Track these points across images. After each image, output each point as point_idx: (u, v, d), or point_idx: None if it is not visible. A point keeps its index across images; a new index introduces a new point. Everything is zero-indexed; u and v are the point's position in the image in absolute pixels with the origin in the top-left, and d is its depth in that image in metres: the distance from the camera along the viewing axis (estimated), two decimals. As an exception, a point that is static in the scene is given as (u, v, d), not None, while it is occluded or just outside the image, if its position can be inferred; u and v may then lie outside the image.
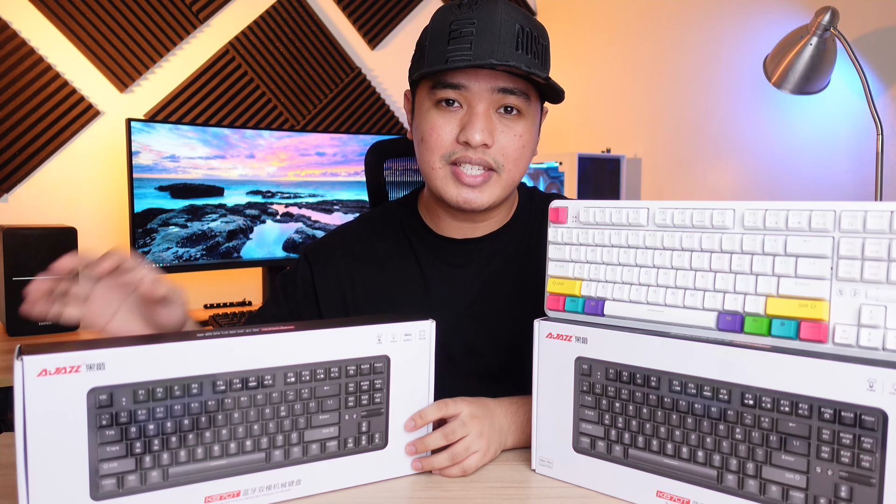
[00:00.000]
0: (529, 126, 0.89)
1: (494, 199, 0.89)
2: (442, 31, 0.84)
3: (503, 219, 0.99)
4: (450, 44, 0.83)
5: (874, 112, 1.50)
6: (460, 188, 0.87)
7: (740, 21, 2.02)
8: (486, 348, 0.96)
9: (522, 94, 0.86)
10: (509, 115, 0.87)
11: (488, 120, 0.85)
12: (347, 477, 0.72)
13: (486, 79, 0.84)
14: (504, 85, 0.85)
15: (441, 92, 0.86)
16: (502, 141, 0.87)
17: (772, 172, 1.95)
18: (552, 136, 2.78)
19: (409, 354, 0.74)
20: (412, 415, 0.75)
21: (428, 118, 0.88)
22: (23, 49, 1.83)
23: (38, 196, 1.90)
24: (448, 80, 0.85)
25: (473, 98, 0.85)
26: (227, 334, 0.66)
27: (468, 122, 0.85)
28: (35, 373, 0.57)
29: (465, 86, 0.85)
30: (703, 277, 0.65)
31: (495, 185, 0.88)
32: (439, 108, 0.87)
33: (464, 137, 0.85)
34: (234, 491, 0.66)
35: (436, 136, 0.87)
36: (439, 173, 0.88)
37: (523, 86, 0.87)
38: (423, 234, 0.99)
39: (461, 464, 0.75)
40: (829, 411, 0.57)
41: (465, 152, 0.86)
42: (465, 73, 0.85)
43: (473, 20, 0.82)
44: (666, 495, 0.67)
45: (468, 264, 0.97)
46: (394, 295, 0.98)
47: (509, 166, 0.88)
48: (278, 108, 2.25)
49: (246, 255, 1.96)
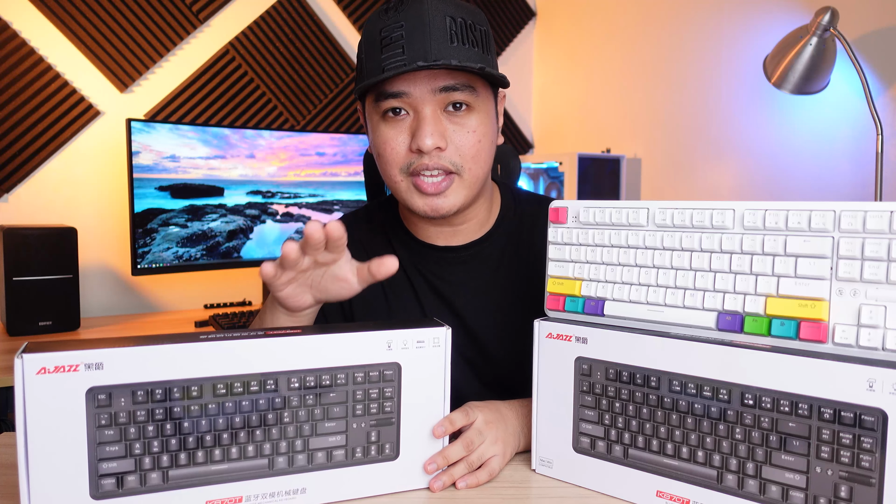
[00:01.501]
0: (483, 118, 0.86)
1: (462, 200, 0.87)
2: (374, 39, 0.83)
3: (483, 222, 0.96)
4: (383, 52, 0.81)
5: (874, 112, 1.50)
6: (425, 197, 0.85)
7: (740, 21, 2.02)
8: (482, 360, 0.96)
9: (467, 88, 0.83)
10: (459, 112, 0.84)
11: (437, 122, 0.83)
12: (355, 488, 0.70)
13: (425, 80, 0.82)
14: (445, 83, 0.82)
15: (385, 103, 0.83)
16: (456, 140, 0.84)
17: (772, 172, 1.95)
18: (552, 136, 2.78)
19: (422, 362, 0.71)
20: (440, 420, 0.73)
21: (379, 132, 0.86)
22: (23, 49, 1.83)
23: (38, 196, 1.90)
24: (388, 89, 0.82)
25: (417, 103, 0.82)
26: (230, 337, 0.65)
27: (417, 129, 0.82)
28: (34, 371, 0.57)
29: (406, 92, 0.82)
30: (703, 277, 0.65)
31: (459, 187, 0.86)
32: (387, 120, 0.84)
33: (415, 145, 0.82)
34: (237, 496, 0.65)
35: (389, 150, 0.85)
36: (402, 185, 0.86)
37: (465, 79, 0.83)
38: (406, 240, 0.97)
39: (486, 467, 0.74)
40: (829, 411, 0.57)
41: (420, 160, 0.83)
42: (403, 80, 0.82)
43: (401, 23, 0.80)
44: (666, 495, 0.67)
45: (452, 275, 0.96)
46: (389, 304, 0.97)
47: (469, 165, 0.85)
48: (278, 108, 2.25)
49: (246, 255, 1.96)
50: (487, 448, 0.75)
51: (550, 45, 2.80)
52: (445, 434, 0.73)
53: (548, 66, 2.82)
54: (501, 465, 0.76)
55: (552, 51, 2.79)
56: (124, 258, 2.01)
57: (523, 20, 2.83)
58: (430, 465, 0.72)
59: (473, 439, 0.74)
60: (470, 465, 0.73)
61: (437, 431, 0.72)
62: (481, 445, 0.74)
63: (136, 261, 1.77)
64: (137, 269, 1.78)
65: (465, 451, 0.73)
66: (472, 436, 0.74)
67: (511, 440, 0.78)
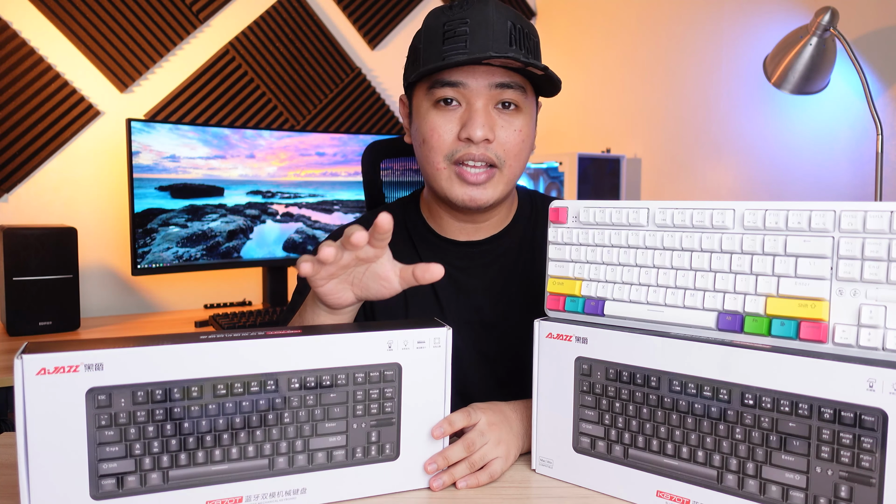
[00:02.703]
0: (528, 120, 0.90)
1: (498, 195, 0.90)
2: (436, 31, 0.85)
3: (503, 220, 0.99)
4: (444, 43, 0.84)
5: (874, 112, 1.50)
6: (465, 187, 0.88)
7: (740, 21, 2.02)
8: (497, 354, 0.96)
9: (520, 88, 0.87)
10: (508, 111, 0.88)
11: (488, 115, 0.86)
12: (356, 488, 0.70)
13: (483, 75, 0.85)
14: (501, 80, 0.86)
15: (439, 91, 0.86)
16: (502, 136, 0.87)
17: (772, 172, 1.95)
18: (552, 136, 2.78)
19: (422, 363, 0.71)
20: (440, 421, 0.73)
21: (427, 119, 0.88)
22: (23, 49, 1.83)
23: (38, 196, 1.90)
24: (446, 78, 0.86)
25: (472, 95, 0.86)
26: (230, 337, 0.65)
27: (469, 119, 0.85)
28: (34, 372, 0.57)
29: (463, 83, 0.85)
30: (703, 277, 0.65)
31: (498, 182, 0.89)
32: (438, 108, 0.87)
33: (465, 134, 0.85)
34: (237, 497, 0.65)
35: (437, 137, 0.87)
36: (444, 174, 0.89)
37: (520, 80, 0.88)
38: (427, 235, 0.99)
39: (488, 469, 0.74)
40: (829, 411, 0.57)
41: (467, 149, 0.86)
42: (462, 71, 0.85)
43: (466, 19, 0.83)
44: (666, 495, 0.67)
45: (472, 268, 0.97)
46: (406, 298, 0.97)
47: (510, 161, 0.89)
48: (278, 108, 2.25)
49: (246, 255, 1.96)
50: (490, 450, 0.74)
51: (550, 45, 2.79)
52: (444, 435, 0.73)
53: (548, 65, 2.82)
54: (504, 467, 0.75)
55: (552, 51, 2.79)
56: (124, 258, 2.01)
57: (523, 20, 2.83)
58: (430, 465, 0.72)
59: (475, 440, 0.74)
60: (472, 465, 0.73)
61: (436, 432, 0.72)
62: (484, 447, 0.74)
63: (136, 261, 1.77)
64: (137, 269, 1.77)
65: (466, 452, 0.73)
66: (473, 437, 0.74)
67: (515, 442, 0.78)
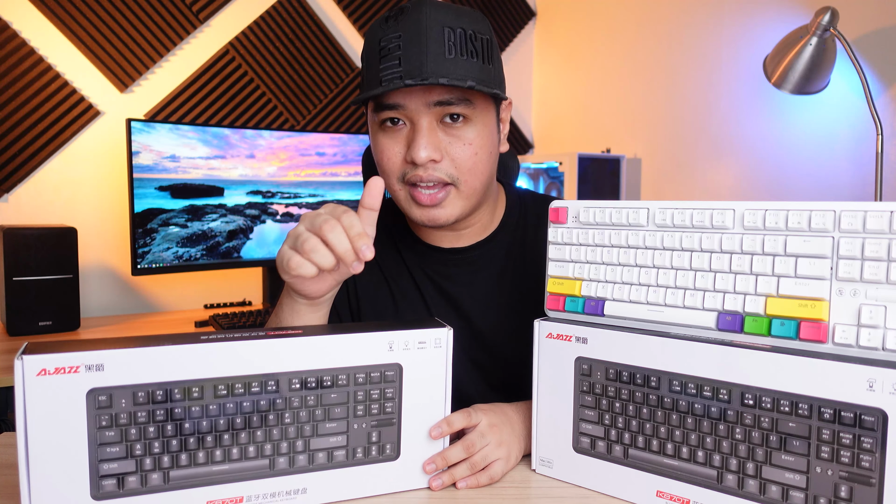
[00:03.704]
0: (480, 130, 0.85)
1: (459, 212, 0.87)
2: (373, 49, 0.83)
3: (487, 224, 0.96)
4: (381, 62, 0.81)
5: (874, 112, 1.50)
6: (422, 208, 0.86)
7: (740, 21, 2.02)
8: (488, 362, 0.96)
9: (463, 101, 0.82)
10: (455, 124, 0.83)
11: (432, 135, 0.82)
12: (356, 488, 0.70)
13: (420, 94, 0.81)
14: (440, 97, 0.81)
15: (382, 113, 0.84)
16: (452, 152, 0.83)
17: (772, 172, 1.95)
18: (552, 137, 2.78)
19: (423, 363, 0.71)
20: (437, 422, 0.73)
21: (377, 141, 0.86)
22: (23, 49, 1.83)
23: (38, 196, 1.90)
24: (384, 101, 0.83)
25: (413, 115, 0.82)
26: (231, 337, 0.65)
27: (412, 141, 0.82)
28: (34, 372, 0.57)
29: (402, 105, 0.82)
30: (703, 277, 0.65)
31: (455, 199, 0.86)
32: (384, 130, 0.85)
33: (409, 157, 0.83)
34: (238, 497, 0.65)
35: (386, 159, 0.85)
36: (400, 195, 0.87)
37: (461, 92, 0.82)
38: (411, 242, 0.98)
39: (488, 471, 0.73)
40: (829, 411, 0.57)
41: (415, 171, 0.83)
42: (398, 92, 0.82)
43: (399, 33, 0.80)
44: (666, 495, 0.67)
45: (458, 275, 0.96)
46: (397, 305, 0.97)
47: (465, 177, 0.85)
48: (278, 108, 2.25)
49: (246, 255, 1.96)
50: (492, 451, 0.74)
51: (550, 45, 2.80)
52: (442, 436, 0.73)
53: (548, 66, 2.82)
54: (505, 469, 0.75)
55: (552, 51, 2.79)
56: (124, 258, 2.01)
57: (523, 20, 2.83)
58: (429, 465, 0.72)
59: (475, 442, 0.73)
60: (473, 466, 0.73)
61: (434, 433, 0.72)
62: (485, 448, 0.74)
63: (136, 261, 1.77)
64: (137, 269, 1.78)
65: (466, 453, 0.73)
66: (473, 438, 0.74)
67: (516, 444, 0.77)
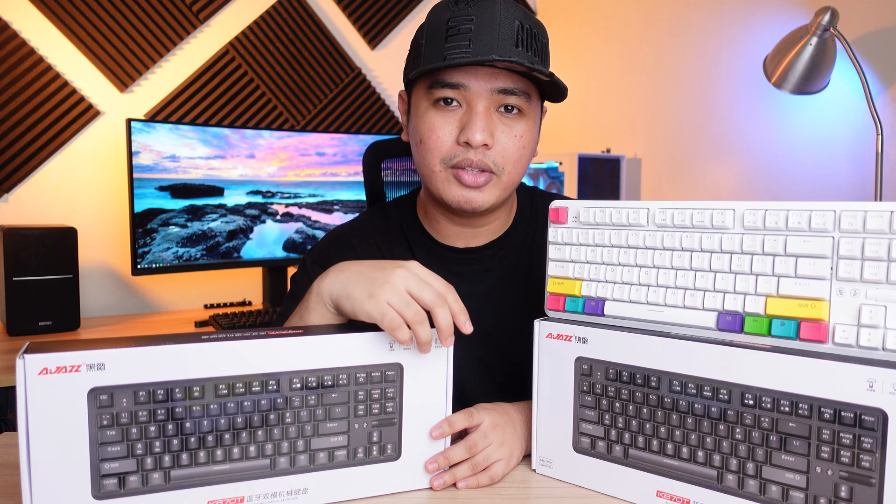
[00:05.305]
0: (530, 126, 0.87)
1: (494, 199, 0.87)
2: (439, 28, 0.82)
3: (503, 224, 0.97)
4: (447, 41, 0.80)
5: (874, 112, 1.51)
6: (462, 189, 0.85)
7: (740, 21, 2.02)
8: (496, 361, 0.95)
9: (523, 94, 0.84)
10: (510, 115, 0.84)
11: (489, 119, 0.83)
12: (357, 488, 0.70)
13: (485, 78, 0.82)
14: (504, 85, 0.82)
15: (439, 91, 0.83)
16: (502, 141, 0.84)
17: (772, 172, 1.95)
18: (552, 136, 2.78)
19: (424, 363, 0.71)
20: (439, 422, 0.73)
21: (426, 119, 0.85)
22: (23, 49, 1.83)
23: (38, 196, 1.90)
24: (446, 78, 0.82)
25: (473, 97, 0.82)
26: (231, 337, 0.65)
27: (468, 122, 0.82)
28: (35, 372, 0.57)
29: (465, 85, 0.82)
30: (703, 277, 0.65)
31: (495, 187, 0.86)
32: (437, 108, 0.84)
33: (464, 138, 0.82)
34: (239, 497, 0.65)
35: (435, 138, 0.84)
36: (439, 175, 0.86)
37: (524, 85, 0.84)
38: (424, 240, 0.97)
39: (488, 471, 0.73)
40: (829, 411, 0.57)
41: (465, 155, 0.83)
42: (464, 72, 0.82)
43: (472, 16, 0.80)
44: (666, 495, 0.67)
45: (471, 275, 0.95)
46: None
47: (509, 168, 0.85)
48: (278, 108, 2.25)
49: (246, 255, 1.96)
50: (493, 451, 0.74)
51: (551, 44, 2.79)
52: (443, 436, 0.73)
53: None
54: (506, 469, 0.75)
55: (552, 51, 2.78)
56: (124, 258, 2.01)
57: (523, 20, 2.83)
58: (432, 464, 0.72)
59: (477, 441, 0.73)
60: (474, 466, 0.73)
61: (435, 433, 0.72)
62: (487, 448, 0.74)
63: (136, 261, 1.77)
64: (137, 269, 1.78)
65: (468, 453, 0.73)
66: (476, 438, 0.73)
67: (518, 444, 0.77)
